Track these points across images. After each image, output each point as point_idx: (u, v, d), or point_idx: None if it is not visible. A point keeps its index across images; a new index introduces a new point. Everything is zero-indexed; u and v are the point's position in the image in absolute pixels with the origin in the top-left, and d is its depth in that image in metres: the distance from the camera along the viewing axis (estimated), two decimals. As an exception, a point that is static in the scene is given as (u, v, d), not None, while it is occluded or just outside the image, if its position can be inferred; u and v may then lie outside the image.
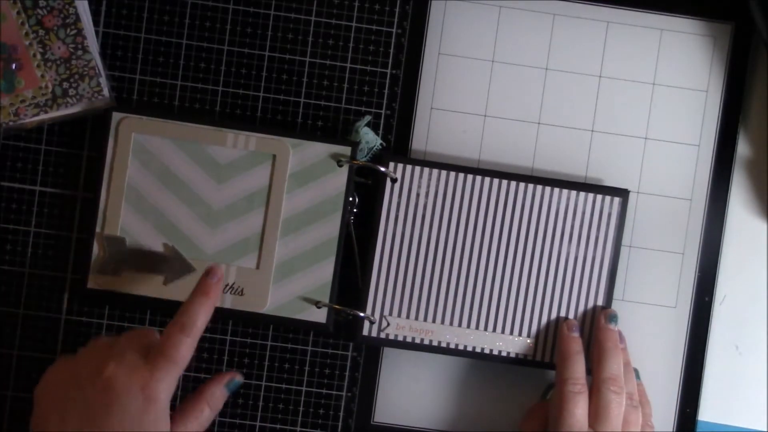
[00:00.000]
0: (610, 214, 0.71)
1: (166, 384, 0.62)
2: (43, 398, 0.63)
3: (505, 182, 0.71)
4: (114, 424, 0.61)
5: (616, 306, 0.72)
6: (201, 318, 0.65)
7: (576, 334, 0.70)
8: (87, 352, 0.65)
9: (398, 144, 0.74)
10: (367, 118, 0.73)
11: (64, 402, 0.62)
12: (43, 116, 0.71)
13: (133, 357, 0.63)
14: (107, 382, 0.61)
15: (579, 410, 0.66)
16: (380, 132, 0.73)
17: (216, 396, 0.68)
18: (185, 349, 0.63)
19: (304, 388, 0.73)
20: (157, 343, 0.64)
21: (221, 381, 0.69)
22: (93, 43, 0.71)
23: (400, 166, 0.71)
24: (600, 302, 0.71)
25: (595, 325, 0.71)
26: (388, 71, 0.73)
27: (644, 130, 0.74)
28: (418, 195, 0.71)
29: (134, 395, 0.61)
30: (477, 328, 0.71)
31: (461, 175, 0.71)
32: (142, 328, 0.70)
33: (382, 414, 0.74)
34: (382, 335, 0.71)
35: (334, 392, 0.73)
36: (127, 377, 0.61)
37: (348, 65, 0.73)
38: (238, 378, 0.70)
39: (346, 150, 0.71)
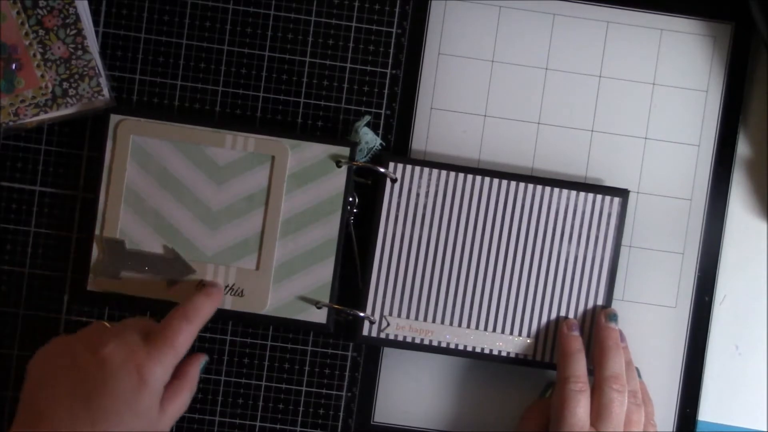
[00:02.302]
0: (610, 214, 0.71)
1: (163, 367, 0.62)
2: (36, 371, 0.62)
3: (505, 182, 0.71)
4: (106, 403, 0.60)
5: (616, 306, 0.72)
6: (205, 310, 0.65)
7: (576, 333, 0.70)
8: (86, 332, 0.64)
9: (398, 144, 0.74)
10: (367, 118, 0.73)
11: (57, 376, 0.61)
12: (43, 116, 0.71)
13: (132, 338, 0.62)
14: (104, 359, 0.60)
15: (581, 409, 0.66)
16: (380, 132, 0.73)
17: (195, 379, 0.67)
18: (185, 336, 0.63)
19: (304, 388, 0.73)
20: (158, 328, 0.63)
21: (197, 362, 0.68)
22: (93, 43, 0.71)
23: (400, 166, 0.71)
24: (600, 302, 0.71)
25: (595, 325, 0.71)
26: (388, 71, 0.73)
27: (644, 130, 0.74)
28: (418, 195, 0.71)
29: (129, 375, 0.60)
30: (477, 328, 0.71)
31: (461, 175, 0.71)
32: (144, 317, 0.70)
33: (382, 414, 0.74)
34: (382, 335, 0.72)
35: (334, 392, 0.73)
36: (124, 356, 0.61)
37: (348, 65, 0.73)
38: (205, 358, 0.70)
39: (345, 151, 0.71)
